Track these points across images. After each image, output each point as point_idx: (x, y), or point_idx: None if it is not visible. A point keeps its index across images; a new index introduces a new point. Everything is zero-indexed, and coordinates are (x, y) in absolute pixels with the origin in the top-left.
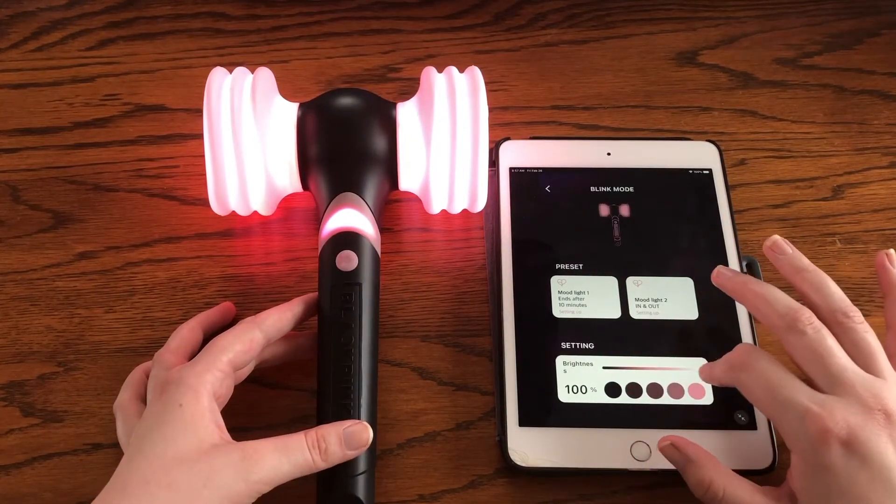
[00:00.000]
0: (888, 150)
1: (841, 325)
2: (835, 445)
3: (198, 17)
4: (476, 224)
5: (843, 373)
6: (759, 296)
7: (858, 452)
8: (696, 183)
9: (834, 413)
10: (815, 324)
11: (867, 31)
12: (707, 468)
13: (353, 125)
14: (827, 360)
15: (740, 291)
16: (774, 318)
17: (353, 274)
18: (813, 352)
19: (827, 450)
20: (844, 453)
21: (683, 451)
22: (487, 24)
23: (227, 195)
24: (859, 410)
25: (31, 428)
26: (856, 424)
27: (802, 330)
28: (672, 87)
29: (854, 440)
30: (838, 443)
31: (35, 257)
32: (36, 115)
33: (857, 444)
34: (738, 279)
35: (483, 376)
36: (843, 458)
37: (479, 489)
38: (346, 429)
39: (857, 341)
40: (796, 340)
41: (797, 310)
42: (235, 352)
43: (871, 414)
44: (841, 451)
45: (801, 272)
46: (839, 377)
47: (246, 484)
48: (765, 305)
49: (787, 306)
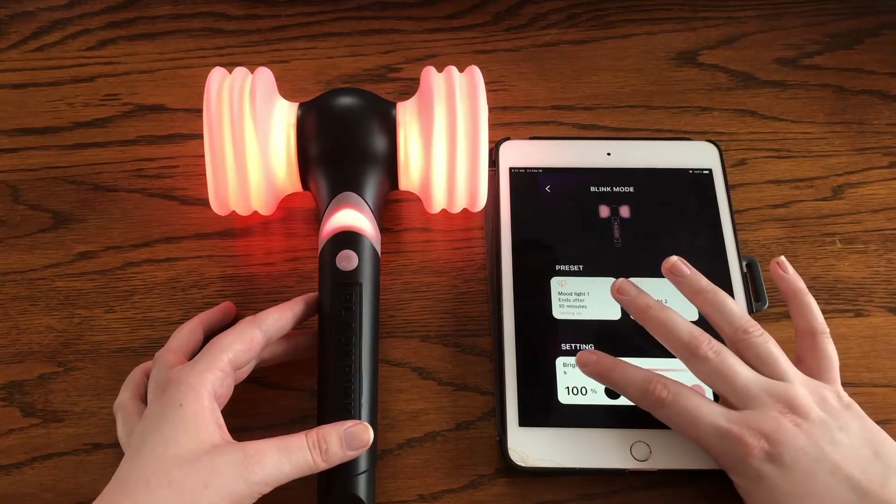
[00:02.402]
0: (888, 150)
1: (742, 342)
2: (759, 457)
3: (198, 17)
4: (476, 224)
5: (748, 386)
6: (661, 323)
7: (783, 456)
8: (696, 183)
9: (749, 426)
10: (715, 347)
11: (867, 31)
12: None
13: (353, 125)
14: (731, 378)
15: (641, 316)
16: (677, 347)
17: (354, 273)
18: (718, 374)
19: (753, 462)
20: (770, 461)
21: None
22: (487, 24)
23: (227, 195)
24: (771, 417)
25: (31, 428)
26: (770, 431)
27: (705, 356)
28: (672, 87)
29: (774, 445)
30: (761, 452)
31: (35, 257)
32: (36, 115)
33: (777, 448)
34: (640, 301)
35: (483, 376)
36: (771, 465)
37: (479, 489)
38: (346, 429)
39: (760, 353)
40: (701, 366)
41: (696, 337)
42: (236, 351)
43: (783, 417)
44: (766, 460)
45: (700, 293)
46: (745, 391)
47: (246, 484)
48: (666, 333)
49: (689, 333)
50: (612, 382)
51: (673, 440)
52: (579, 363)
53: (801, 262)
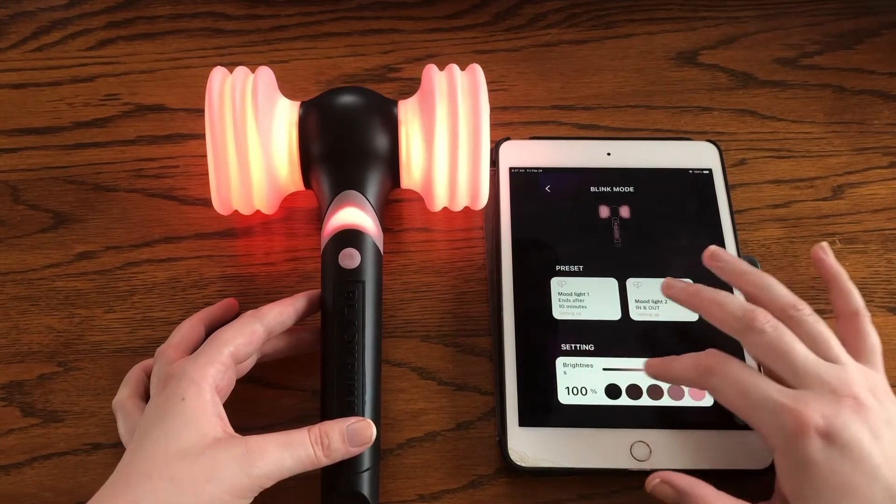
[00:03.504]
0: (888, 150)
1: (793, 319)
2: (814, 438)
3: (198, 17)
4: (476, 224)
5: (807, 365)
6: (713, 302)
7: (837, 442)
8: (696, 183)
9: (808, 405)
10: (773, 321)
11: (867, 31)
12: (703, 494)
13: (354, 123)
14: (790, 354)
15: (693, 301)
16: (731, 321)
17: (356, 271)
18: (775, 349)
19: (807, 443)
20: (824, 445)
21: (675, 484)
22: (487, 24)
23: (230, 194)
24: (830, 400)
25: (31, 428)
26: (830, 414)
27: (761, 329)
28: (672, 87)
29: (831, 430)
30: (817, 435)
31: (35, 257)
32: (36, 115)
33: (834, 433)
34: (690, 289)
35: (483, 376)
36: (824, 449)
37: (479, 489)
38: (349, 425)
39: (811, 332)
40: (757, 340)
41: (753, 310)
42: (237, 345)
43: (842, 401)
44: (821, 444)
45: (744, 275)
46: (804, 369)
47: (248, 478)
48: (719, 310)
49: (743, 307)
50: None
51: (673, 440)
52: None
53: (801, 262)
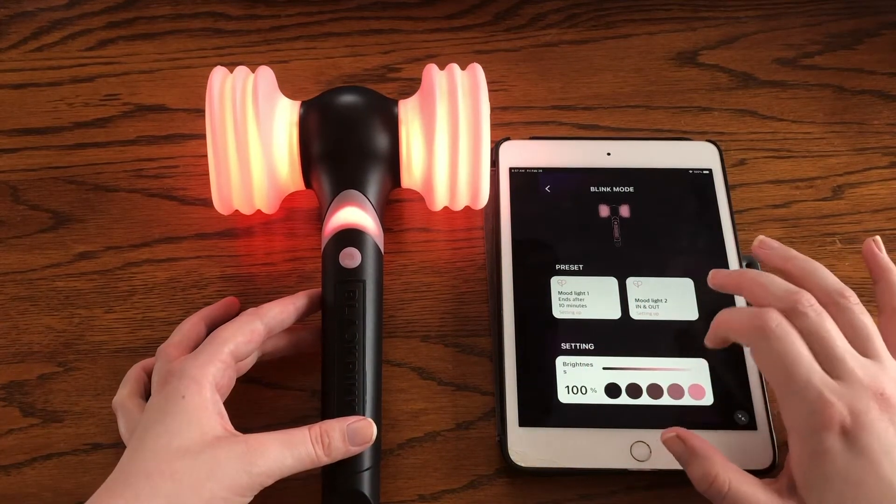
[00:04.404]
0: (888, 150)
1: (837, 305)
2: (836, 431)
3: (198, 17)
4: (476, 224)
5: (844, 357)
6: (757, 283)
7: (859, 438)
8: (696, 183)
9: (842, 400)
10: (816, 306)
11: (867, 31)
12: (713, 462)
13: (355, 122)
14: (828, 343)
15: (737, 283)
16: (774, 302)
17: (357, 271)
18: (814, 334)
19: (828, 435)
20: (845, 439)
21: (689, 443)
22: (487, 24)
23: (231, 194)
24: (861, 396)
25: (31, 428)
26: (858, 411)
27: (804, 312)
28: (672, 87)
29: (856, 426)
30: (840, 429)
31: (35, 257)
32: (36, 115)
33: (858, 429)
34: (737, 273)
35: (483, 376)
36: (843, 443)
37: (479, 489)
38: (350, 424)
39: (854, 322)
40: (798, 323)
41: (797, 292)
42: (237, 343)
43: (873, 399)
44: (841, 436)
45: (791, 260)
46: (841, 361)
47: (248, 476)
48: (763, 291)
49: (787, 289)
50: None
51: None
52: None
53: None
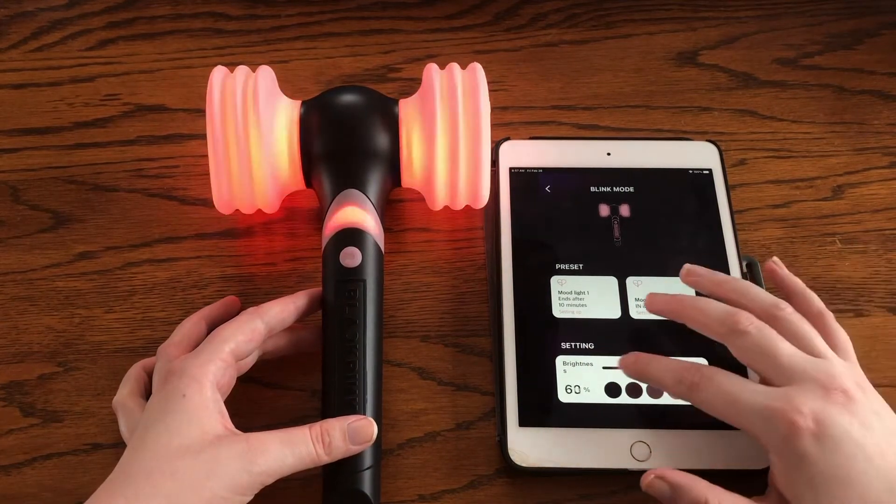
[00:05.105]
0: (888, 150)
1: (776, 318)
2: (805, 434)
3: (198, 17)
4: (476, 224)
5: (792, 361)
6: (695, 309)
7: (828, 436)
8: (696, 183)
9: (796, 403)
10: (756, 322)
11: (867, 31)
12: (699, 488)
13: (355, 122)
14: (775, 353)
15: (678, 310)
16: (715, 326)
17: (357, 270)
18: (760, 348)
19: (799, 441)
20: (816, 440)
21: (670, 479)
22: (487, 24)
23: (231, 194)
24: (818, 395)
25: (31, 428)
26: (819, 409)
27: (745, 330)
28: (672, 87)
29: (821, 425)
30: (808, 431)
31: (35, 257)
32: (36, 115)
33: (824, 427)
34: (674, 300)
35: (483, 376)
36: (816, 444)
37: (479, 489)
38: (350, 423)
39: (794, 330)
40: (741, 342)
41: (735, 313)
42: (238, 342)
43: (830, 395)
44: (812, 439)
45: (722, 284)
46: (790, 366)
47: (249, 475)
48: (703, 316)
49: (725, 311)
50: (650, 377)
51: (673, 440)
52: (622, 367)
53: (801, 262)
